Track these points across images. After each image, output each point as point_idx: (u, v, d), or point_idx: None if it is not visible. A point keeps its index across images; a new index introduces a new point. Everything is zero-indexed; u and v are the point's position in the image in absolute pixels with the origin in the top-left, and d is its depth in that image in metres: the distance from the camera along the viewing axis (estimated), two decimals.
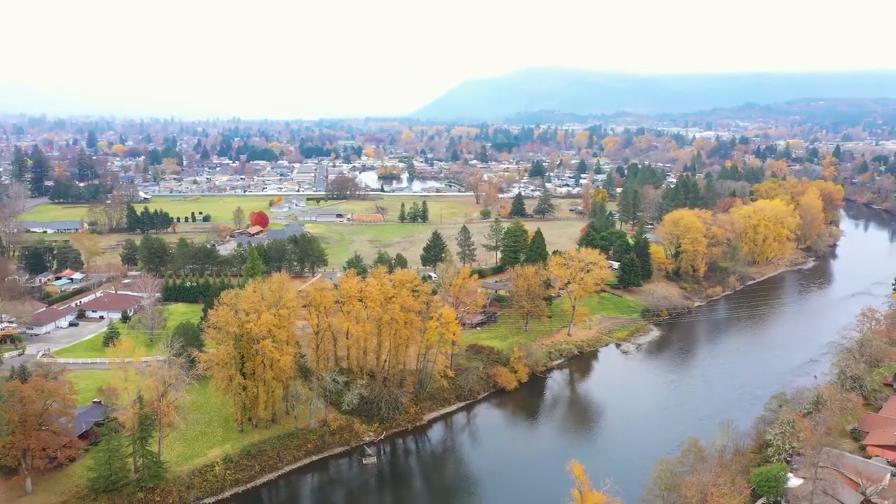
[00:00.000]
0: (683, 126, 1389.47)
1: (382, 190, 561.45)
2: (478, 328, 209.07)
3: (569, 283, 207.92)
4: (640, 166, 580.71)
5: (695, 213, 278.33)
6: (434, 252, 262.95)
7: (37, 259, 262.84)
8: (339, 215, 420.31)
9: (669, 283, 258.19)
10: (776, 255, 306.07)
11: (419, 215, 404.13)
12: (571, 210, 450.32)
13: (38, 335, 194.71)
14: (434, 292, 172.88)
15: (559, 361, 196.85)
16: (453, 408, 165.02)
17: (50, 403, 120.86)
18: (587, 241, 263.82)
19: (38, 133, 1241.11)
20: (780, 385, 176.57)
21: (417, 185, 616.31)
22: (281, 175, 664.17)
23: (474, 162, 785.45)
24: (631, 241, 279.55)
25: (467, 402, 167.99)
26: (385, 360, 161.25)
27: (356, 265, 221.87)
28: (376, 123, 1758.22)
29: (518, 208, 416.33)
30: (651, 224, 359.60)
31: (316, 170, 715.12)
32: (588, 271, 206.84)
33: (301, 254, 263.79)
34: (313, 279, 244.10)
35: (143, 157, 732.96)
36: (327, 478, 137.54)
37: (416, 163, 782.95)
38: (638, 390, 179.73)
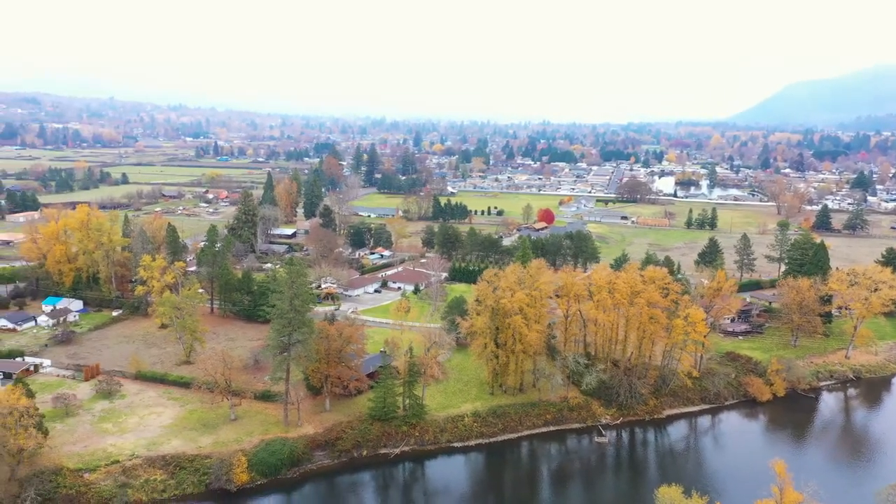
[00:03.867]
0: None
1: (675, 195, 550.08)
2: (740, 337, 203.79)
3: (851, 301, 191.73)
4: None
5: None
6: (708, 258, 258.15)
7: (358, 237, 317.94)
8: (624, 217, 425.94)
9: None
10: None
11: (707, 222, 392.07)
12: (893, 228, 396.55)
13: (350, 296, 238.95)
14: (686, 293, 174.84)
15: (828, 383, 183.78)
16: (696, 408, 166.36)
17: (346, 344, 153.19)
18: (887, 259, 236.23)
19: (377, 133, 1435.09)
20: None
21: (717, 193, 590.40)
22: (577, 177, 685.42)
23: (787, 170, 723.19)
24: None
25: (712, 405, 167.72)
26: (631, 353, 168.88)
27: (623, 263, 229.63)
28: (687, 128, 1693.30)
29: (822, 221, 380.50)
30: None
31: (612, 173, 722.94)
32: (876, 290, 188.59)
33: (575, 249, 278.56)
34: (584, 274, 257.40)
35: (455, 156, 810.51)
36: (561, 448, 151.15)
37: (719, 169, 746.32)
38: None
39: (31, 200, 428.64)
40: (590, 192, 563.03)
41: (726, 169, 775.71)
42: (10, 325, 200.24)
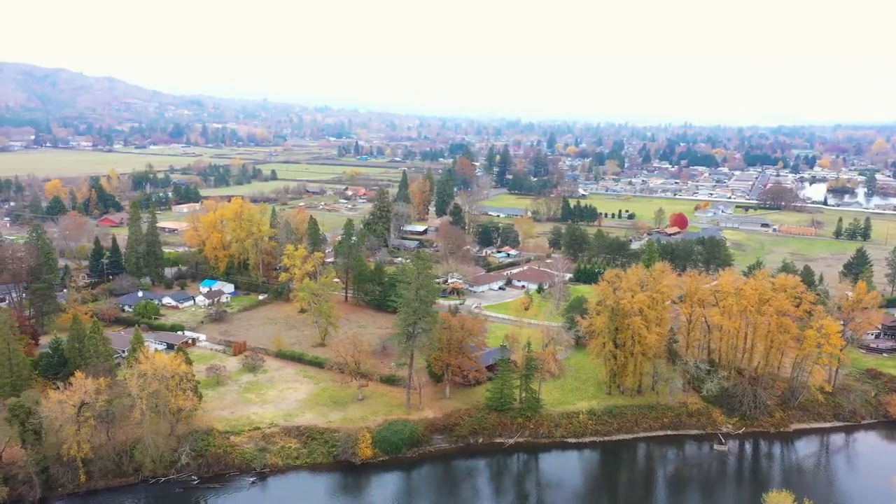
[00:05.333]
0: None
1: (825, 203, 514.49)
2: (884, 354, 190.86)
3: None
4: None
5: None
6: (854, 270, 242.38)
7: (486, 235, 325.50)
8: (765, 225, 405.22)
9: None
10: None
11: (859, 232, 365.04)
12: None
13: (475, 292, 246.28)
14: (821, 303, 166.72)
15: None
16: (827, 425, 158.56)
17: (467, 336, 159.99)
18: None
19: (511, 134, 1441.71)
20: None
21: (875, 202, 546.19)
22: (716, 181, 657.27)
23: None
24: None
25: (846, 423, 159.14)
26: (758, 363, 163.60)
27: (754, 270, 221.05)
28: (846, 131, 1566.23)
29: None
30: None
31: (756, 178, 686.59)
32: None
33: (707, 255, 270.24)
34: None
35: (589, 159, 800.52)
36: (678, 453, 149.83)
37: (879, 176, 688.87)
38: None
39: (193, 193, 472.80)
40: (729, 198, 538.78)
41: (888, 176, 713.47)
42: (174, 303, 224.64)
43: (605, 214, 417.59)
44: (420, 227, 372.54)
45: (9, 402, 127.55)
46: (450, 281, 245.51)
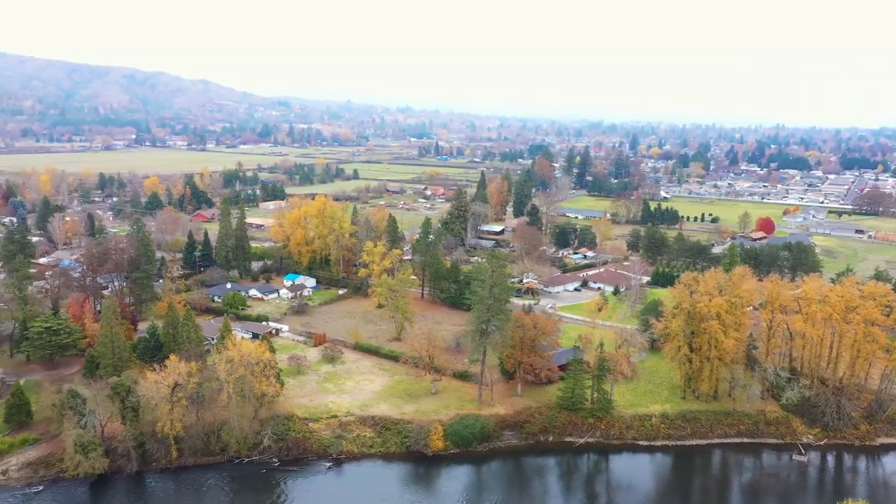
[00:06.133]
0: None
1: None
2: None
3: None
4: None
5: None
6: None
7: (563, 236, 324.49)
8: (860, 231, 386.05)
9: None
10: None
11: None
12: None
13: (550, 292, 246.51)
14: None
15: None
16: None
17: (540, 335, 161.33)
18: None
19: (593, 136, 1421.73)
20: None
21: None
22: (808, 185, 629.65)
23: None
24: None
25: None
26: (843, 373, 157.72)
27: (842, 277, 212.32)
28: None
29: None
30: None
31: (853, 182, 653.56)
32: None
33: (793, 261, 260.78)
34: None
35: (673, 161, 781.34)
36: (754, 461, 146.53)
37: None
38: None
39: (279, 191, 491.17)
40: (821, 203, 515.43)
41: None
42: (260, 295, 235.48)
43: (687, 218, 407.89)
44: (497, 228, 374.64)
45: (111, 380, 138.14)
46: (525, 281, 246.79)
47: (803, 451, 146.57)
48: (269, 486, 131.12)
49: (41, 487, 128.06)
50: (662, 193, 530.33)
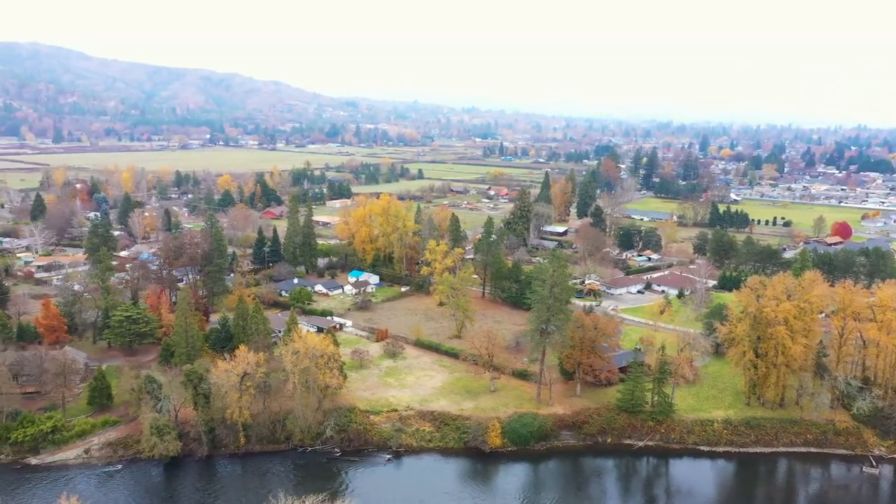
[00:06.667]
0: None
1: None
2: None
3: None
4: None
5: None
6: None
7: (627, 238, 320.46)
8: None
9: None
10: None
11: None
12: None
13: (612, 294, 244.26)
14: None
15: None
16: None
17: (600, 336, 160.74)
18: None
19: (661, 136, 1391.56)
20: None
21: None
22: (891, 189, 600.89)
23: None
24: None
25: None
26: None
27: None
28: None
29: None
30: None
31: None
32: None
33: (871, 268, 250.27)
34: None
35: (744, 162, 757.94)
36: (821, 472, 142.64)
37: None
38: None
39: (345, 190, 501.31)
40: None
41: None
42: (325, 291, 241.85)
43: (758, 221, 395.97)
44: (560, 228, 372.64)
45: (184, 368, 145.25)
46: (587, 282, 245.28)
47: (875, 463, 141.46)
48: (330, 474, 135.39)
49: (120, 466, 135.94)
50: (732, 196, 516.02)
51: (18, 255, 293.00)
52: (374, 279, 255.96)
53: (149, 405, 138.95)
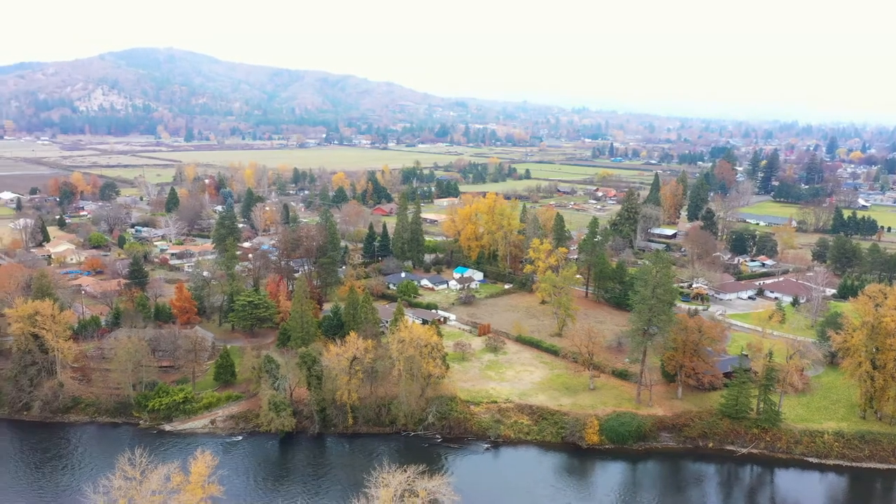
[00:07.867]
0: None
1: None
2: None
3: None
4: None
5: None
6: None
7: (740, 243, 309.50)
8: None
9: None
10: None
11: None
12: None
13: (721, 299, 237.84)
14: None
15: None
16: None
17: (703, 339, 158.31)
18: None
19: (784, 138, 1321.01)
20: None
21: None
22: None
23: None
24: None
25: None
26: None
27: None
28: None
29: None
30: None
31: None
32: None
33: None
34: None
35: (877, 166, 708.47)
36: None
37: None
38: None
39: (453, 188, 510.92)
40: None
41: None
42: (430, 285, 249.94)
43: (889, 229, 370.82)
44: (669, 231, 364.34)
45: (300, 351, 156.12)
46: (694, 286, 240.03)
47: None
48: (432, 458, 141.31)
49: (240, 437, 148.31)
50: (861, 201, 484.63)
51: (155, 243, 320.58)
52: (479, 276, 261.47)
53: (267, 383, 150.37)
